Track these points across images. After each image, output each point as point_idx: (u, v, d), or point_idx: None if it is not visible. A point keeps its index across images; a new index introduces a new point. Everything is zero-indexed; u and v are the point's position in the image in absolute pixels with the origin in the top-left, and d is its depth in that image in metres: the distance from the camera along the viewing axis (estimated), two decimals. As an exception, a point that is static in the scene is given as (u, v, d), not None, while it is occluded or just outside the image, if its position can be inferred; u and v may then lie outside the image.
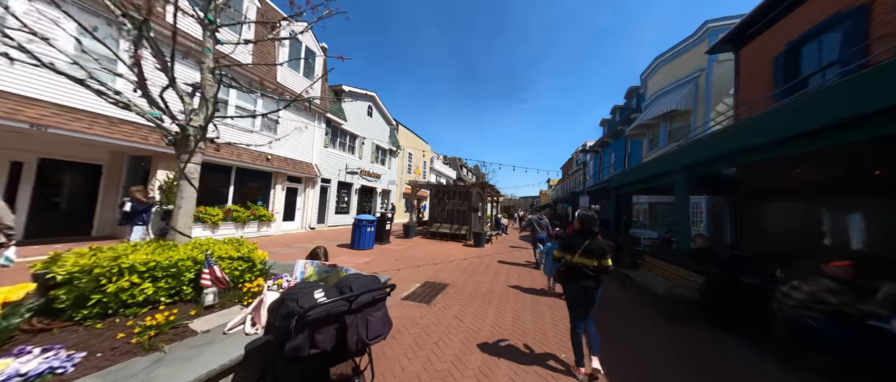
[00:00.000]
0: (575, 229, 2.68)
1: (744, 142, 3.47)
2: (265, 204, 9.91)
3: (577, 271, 2.45)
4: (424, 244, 10.07)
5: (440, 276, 5.85)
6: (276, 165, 9.72)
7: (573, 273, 2.49)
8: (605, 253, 2.44)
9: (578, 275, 2.45)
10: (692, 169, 4.48)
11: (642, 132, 12.17)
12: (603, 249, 2.45)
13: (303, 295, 1.56)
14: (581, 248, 2.45)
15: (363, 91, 15.25)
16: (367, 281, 1.87)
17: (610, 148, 18.64)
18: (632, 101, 16.68)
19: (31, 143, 5.74)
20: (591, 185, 19.19)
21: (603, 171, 20.12)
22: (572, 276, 2.50)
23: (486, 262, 7.57)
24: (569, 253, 2.52)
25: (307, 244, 8.53)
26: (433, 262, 7.16)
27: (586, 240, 2.47)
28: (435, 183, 12.04)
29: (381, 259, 7.14)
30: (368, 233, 8.28)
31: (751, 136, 3.38)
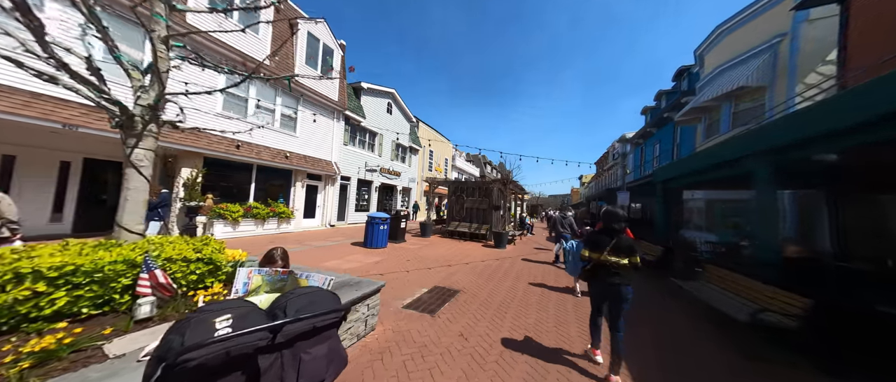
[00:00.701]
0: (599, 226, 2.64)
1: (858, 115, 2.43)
2: (286, 201, 10.09)
3: (605, 269, 2.42)
4: (441, 244, 9.55)
5: (452, 280, 5.27)
6: (295, 163, 9.84)
7: (600, 271, 2.45)
8: (634, 251, 2.41)
9: (605, 273, 2.42)
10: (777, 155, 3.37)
11: (696, 117, 10.40)
12: (632, 247, 2.42)
13: (197, 325, 1.07)
14: (609, 246, 2.41)
15: (382, 88, 15.13)
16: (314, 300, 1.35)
17: (654, 138, 16.54)
18: (682, 83, 14.56)
19: (76, 144, 6.22)
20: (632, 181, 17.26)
21: (645, 165, 17.96)
22: (599, 275, 2.47)
23: (505, 265, 6.83)
24: (596, 251, 2.48)
25: (323, 241, 8.47)
26: (447, 264, 6.61)
27: (613, 238, 2.43)
28: (453, 180, 11.43)
29: (392, 258, 6.75)
30: (382, 232, 7.97)
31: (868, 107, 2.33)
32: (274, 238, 8.38)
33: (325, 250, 7.20)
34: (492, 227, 10.44)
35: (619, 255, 2.37)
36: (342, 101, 12.00)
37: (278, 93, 9.35)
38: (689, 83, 13.37)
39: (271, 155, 9.00)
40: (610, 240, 2.43)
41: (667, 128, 14.81)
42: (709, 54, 9.70)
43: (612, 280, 2.37)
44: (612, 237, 2.44)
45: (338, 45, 11.67)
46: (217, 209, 7.38)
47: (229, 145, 7.74)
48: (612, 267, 2.38)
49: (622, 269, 2.36)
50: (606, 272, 2.41)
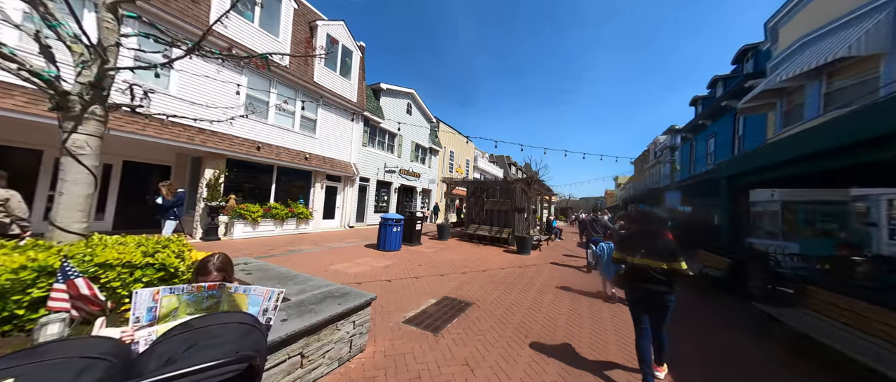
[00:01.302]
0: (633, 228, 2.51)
1: None
2: (306, 202, 10.22)
3: (641, 274, 2.24)
4: (459, 248, 8.96)
5: (465, 290, 4.67)
6: (314, 164, 9.93)
7: (636, 276, 2.28)
8: (676, 255, 2.18)
9: (642, 278, 2.24)
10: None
11: (769, 102, 8.69)
12: (674, 250, 2.20)
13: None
14: (644, 248, 2.25)
15: (402, 88, 15.02)
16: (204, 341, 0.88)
17: (708, 132, 14.44)
18: (744, 65, 12.50)
19: (116, 147, 6.69)
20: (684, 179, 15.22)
21: (696, 162, 15.78)
22: (634, 279, 2.29)
23: (528, 274, 6.04)
24: (629, 253, 2.32)
25: (338, 242, 8.33)
26: (462, 270, 6.01)
27: (650, 239, 2.28)
28: (471, 179, 10.80)
29: (403, 263, 6.32)
30: (395, 234, 7.60)
31: None
32: (292, 238, 8.41)
33: (338, 252, 6.98)
34: (514, 231, 9.62)
35: (658, 259, 2.17)
36: (361, 102, 12.00)
37: (299, 95, 9.50)
38: (756, 64, 11.39)
39: (291, 156, 9.13)
40: (645, 242, 2.26)
41: (725, 119, 12.79)
42: (785, 26, 8.02)
43: (651, 286, 2.18)
44: (647, 238, 2.27)
45: (357, 46, 11.71)
46: (238, 209, 7.54)
47: (250, 147, 7.93)
48: (651, 271, 2.18)
49: (662, 274, 2.16)
50: (644, 277, 2.21)
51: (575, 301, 4.50)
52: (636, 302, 2.32)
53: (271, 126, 8.70)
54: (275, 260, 5.68)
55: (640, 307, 2.29)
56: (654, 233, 2.32)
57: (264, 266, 3.49)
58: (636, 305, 2.32)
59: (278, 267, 3.48)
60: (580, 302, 4.43)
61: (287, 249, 6.84)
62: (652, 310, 2.23)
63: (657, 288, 2.17)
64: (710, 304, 4.70)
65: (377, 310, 3.58)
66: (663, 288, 2.16)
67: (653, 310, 2.23)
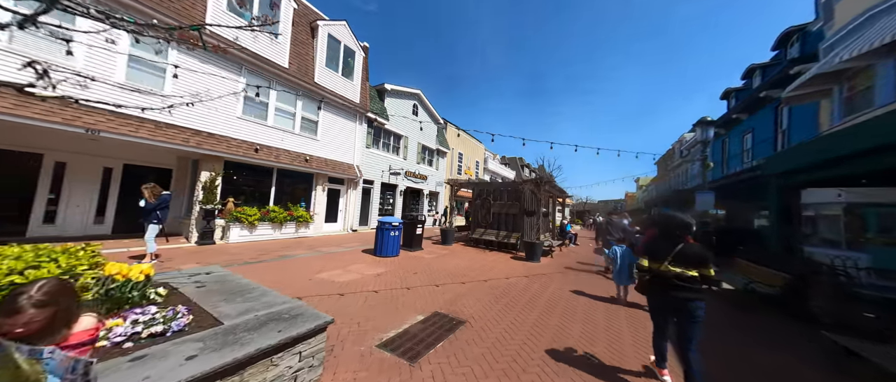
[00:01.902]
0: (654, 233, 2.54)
1: None
2: (307, 205, 10.04)
3: (667, 282, 2.12)
4: (462, 253, 8.39)
5: (460, 305, 4.11)
6: (315, 166, 9.74)
7: (660, 283, 2.16)
8: (706, 261, 2.08)
9: (667, 286, 2.12)
10: None
11: (823, 88, 7.55)
12: (703, 256, 2.10)
13: None
14: (671, 254, 2.13)
15: (407, 89, 14.75)
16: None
17: (742, 127, 13.11)
18: (787, 51, 11.20)
19: (116, 151, 6.73)
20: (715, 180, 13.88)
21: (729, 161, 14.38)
22: (661, 288, 2.16)
23: (535, 286, 5.39)
24: (655, 260, 2.20)
25: (336, 247, 8.01)
26: (461, 279, 5.45)
27: (676, 245, 2.16)
28: (476, 180, 10.23)
29: (398, 270, 5.85)
30: (393, 238, 7.16)
31: None
32: (290, 242, 8.19)
33: (332, 257, 6.63)
34: (523, 236, 8.92)
35: (686, 265, 2.10)
36: (364, 103, 11.78)
37: (299, 96, 9.36)
38: (803, 47, 10.14)
39: (291, 158, 8.97)
40: (671, 248, 2.17)
41: (764, 112, 11.51)
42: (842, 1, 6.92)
43: (678, 294, 2.09)
44: (673, 244, 2.19)
45: (360, 47, 11.53)
46: (234, 213, 7.40)
47: (248, 148, 7.80)
48: (678, 278, 2.11)
49: (690, 281, 2.07)
50: (669, 284, 2.14)
51: (588, 320, 3.82)
52: (661, 310, 2.26)
53: (271, 128, 8.58)
54: (262, 267, 5.39)
55: (663, 314, 2.24)
56: (679, 238, 2.20)
57: (226, 276, 3.11)
58: (660, 312, 2.26)
59: (240, 278, 3.09)
60: (595, 323, 3.75)
61: (280, 254, 6.57)
62: (681, 321, 2.12)
63: (686, 296, 2.07)
64: (754, 324, 3.86)
65: (351, 330, 3.12)
66: (693, 295, 2.07)
67: (682, 321, 2.11)
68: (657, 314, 2.32)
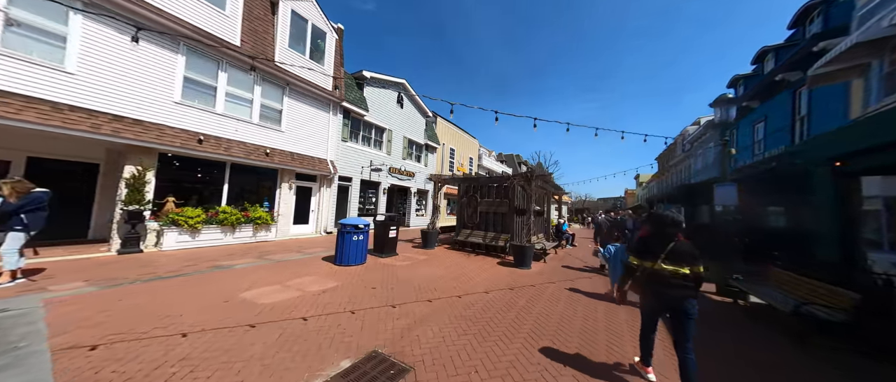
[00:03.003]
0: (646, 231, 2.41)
1: None
2: (271, 205, 8.91)
3: (660, 280, 2.14)
4: (444, 259, 7.30)
5: (413, 338, 3.02)
6: (278, 161, 8.59)
7: (653, 282, 2.17)
8: (697, 259, 2.11)
9: (661, 284, 2.14)
10: None
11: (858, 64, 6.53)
12: (694, 254, 2.12)
13: None
14: (663, 253, 2.14)
15: (390, 78, 13.59)
16: None
17: (754, 116, 12.10)
18: (806, 28, 10.15)
19: (17, 141, 5.56)
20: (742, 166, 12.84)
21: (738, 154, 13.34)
22: (654, 286, 2.18)
23: (521, 301, 4.30)
24: (648, 259, 2.20)
25: (294, 253, 6.90)
26: (429, 296, 4.36)
27: (668, 243, 2.16)
28: (461, 175, 9.13)
29: (355, 284, 4.75)
30: (357, 244, 6.06)
31: None
32: (243, 249, 7.07)
33: (278, 268, 5.52)
34: (512, 237, 7.84)
35: (678, 264, 2.10)
36: (338, 92, 10.62)
37: (257, 80, 8.21)
38: (827, 21, 9.07)
39: (247, 151, 7.82)
40: (664, 246, 2.15)
41: (779, 98, 10.47)
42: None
43: (672, 292, 2.09)
44: (664, 242, 2.17)
45: (332, 27, 10.36)
46: (171, 215, 6.26)
47: (189, 139, 6.65)
48: (671, 276, 2.10)
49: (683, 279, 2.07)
50: (662, 283, 2.14)
51: (586, 346, 2.73)
52: (651, 308, 2.26)
53: (221, 116, 7.42)
54: (177, 283, 4.27)
55: (655, 313, 2.24)
56: (671, 236, 2.18)
57: (15, 318, 1.99)
58: (652, 310, 2.26)
59: (38, 320, 1.96)
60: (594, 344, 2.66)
61: (216, 264, 5.45)
62: (675, 318, 2.11)
63: (680, 293, 2.08)
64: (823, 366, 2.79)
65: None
66: (688, 292, 2.08)
67: (677, 319, 2.10)
68: (650, 313, 2.32)
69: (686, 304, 2.05)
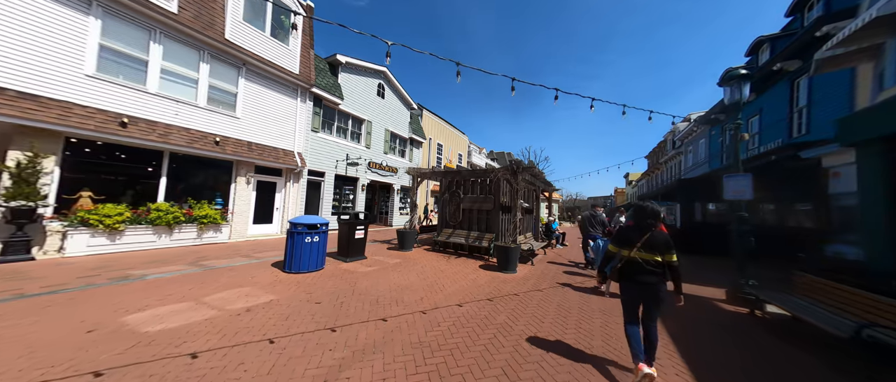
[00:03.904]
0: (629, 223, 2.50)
1: None
2: (225, 202, 7.79)
3: (636, 267, 2.27)
4: (419, 262, 6.39)
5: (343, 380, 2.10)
6: (233, 152, 7.49)
7: (631, 269, 2.30)
8: (670, 248, 2.24)
9: (637, 271, 2.26)
10: None
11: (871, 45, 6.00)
12: (668, 243, 2.25)
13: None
14: (640, 242, 2.26)
15: (370, 65, 12.54)
16: None
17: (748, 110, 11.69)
18: (806, 15, 9.71)
19: None
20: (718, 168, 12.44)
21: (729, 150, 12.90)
22: (629, 273, 2.31)
23: (500, 317, 3.43)
24: (625, 247, 2.32)
25: (242, 259, 5.87)
26: (384, 314, 3.45)
27: (645, 234, 2.27)
28: (442, 169, 8.25)
29: (298, 296, 3.80)
30: (311, 246, 5.09)
31: None
32: (183, 252, 5.98)
33: (210, 277, 4.50)
34: (498, 237, 7.01)
35: (653, 252, 2.23)
36: (306, 75, 9.54)
37: (203, 57, 7.07)
38: (828, 5, 8.60)
39: (190, 139, 6.70)
40: (641, 236, 2.26)
41: (776, 90, 10.05)
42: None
43: (646, 279, 2.22)
44: (643, 232, 2.28)
45: (300, 4, 9.25)
46: (80, 213, 5.12)
47: (107, 121, 5.50)
48: (646, 264, 2.23)
49: (657, 267, 2.22)
50: (639, 270, 2.24)
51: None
52: (630, 295, 2.34)
53: (155, 96, 6.27)
54: (49, 301, 3.21)
55: (634, 300, 2.32)
56: (650, 227, 2.29)
57: None
58: (630, 297, 2.34)
59: None
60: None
61: (124, 273, 4.38)
62: (646, 303, 2.27)
63: (651, 280, 2.21)
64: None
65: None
66: (657, 279, 2.21)
67: (647, 303, 2.27)
68: (629, 299, 2.37)
69: (657, 289, 2.20)
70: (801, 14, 9.82)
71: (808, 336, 3.25)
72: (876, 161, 2.84)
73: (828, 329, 2.58)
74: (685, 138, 19.44)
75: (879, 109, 3.19)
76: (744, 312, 4.16)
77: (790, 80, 9.52)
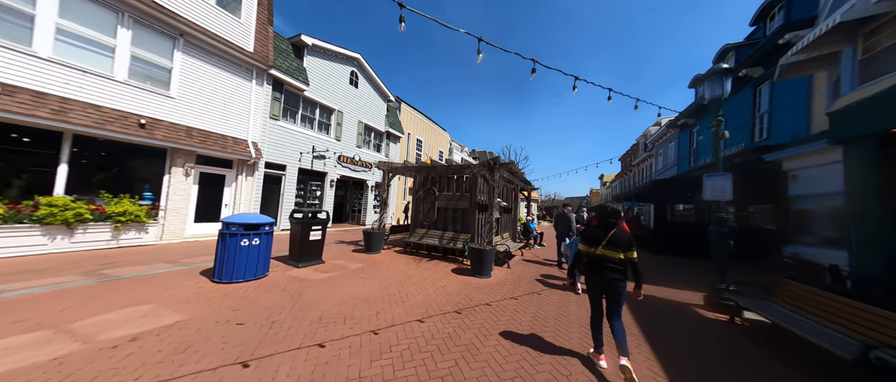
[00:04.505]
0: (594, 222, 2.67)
1: None
2: (157, 196, 6.58)
3: (601, 264, 2.42)
4: (385, 267, 5.69)
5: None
6: (163, 137, 6.30)
7: (596, 266, 2.45)
8: (631, 245, 2.40)
9: (602, 268, 2.42)
10: None
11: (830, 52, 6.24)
12: (629, 241, 2.41)
13: None
14: (605, 240, 2.42)
15: (341, 50, 11.51)
16: None
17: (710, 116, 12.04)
18: (768, 25, 10.14)
19: None
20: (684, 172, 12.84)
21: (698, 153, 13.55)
22: (596, 269, 2.46)
23: (466, 335, 2.87)
24: (592, 245, 2.49)
25: (168, 264, 4.84)
26: (323, 337, 2.76)
27: (609, 232, 2.43)
28: (415, 164, 7.57)
29: (216, 316, 2.98)
30: (249, 251, 4.22)
31: None
32: (85, 257, 4.82)
33: (103, 291, 3.52)
34: (473, 237, 6.48)
35: (616, 250, 2.38)
36: (264, 55, 8.42)
37: (124, 21, 5.84)
38: (789, 14, 8.97)
39: (101, 119, 5.47)
40: (606, 235, 2.42)
41: (740, 96, 10.45)
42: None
43: (609, 275, 2.38)
44: (607, 231, 2.44)
45: (255, -28, 8.11)
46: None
47: None
48: (609, 261, 2.39)
49: (619, 263, 2.38)
50: (603, 267, 2.41)
51: None
52: (595, 290, 2.48)
53: (46, 61, 5.00)
54: None
55: (598, 294, 2.47)
56: (613, 226, 2.43)
57: None
58: (595, 292, 2.49)
59: None
60: None
61: (-23, 290, 3.28)
62: (609, 297, 2.41)
63: (614, 276, 2.36)
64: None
65: None
66: (619, 276, 2.37)
67: (609, 297, 2.41)
68: (594, 294, 2.51)
69: (619, 285, 2.37)
70: (763, 24, 10.27)
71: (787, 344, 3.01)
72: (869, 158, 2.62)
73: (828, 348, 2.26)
74: (656, 141, 20.24)
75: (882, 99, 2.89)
76: (724, 320, 3.92)
77: (753, 87, 9.92)
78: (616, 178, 33.80)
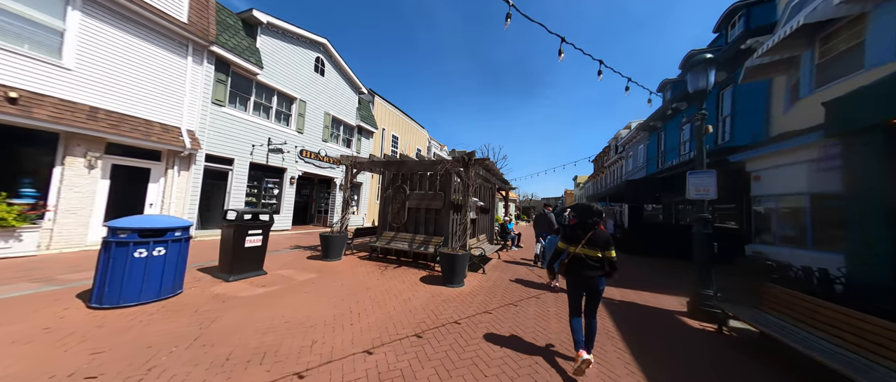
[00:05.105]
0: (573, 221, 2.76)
1: None
2: (43, 194, 5.15)
3: (580, 262, 2.47)
4: (342, 277, 4.83)
5: None
6: (50, 117, 4.92)
7: (576, 264, 2.50)
8: (609, 244, 2.46)
9: (581, 266, 2.47)
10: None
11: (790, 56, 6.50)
12: (607, 240, 2.47)
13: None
14: (584, 239, 2.47)
15: (303, 32, 10.32)
16: None
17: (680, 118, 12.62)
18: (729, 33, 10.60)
19: None
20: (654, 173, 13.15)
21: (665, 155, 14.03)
22: (575, 268, 2.50)
23: (429, 366, 2.19)
24: (572, 244, 2.53)
25: (36, 284, 3.62)
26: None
27: (588, 232, 2.48)
28: (382, 159, 6.75)
29: (64, 361, 1.99)
30: (148, 263, 3.22)
31: None
32: None
33: None
34: (446, 241, 5.82)
35: (595, 249, 2.43)
36: (203, 28, 7.13)
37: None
38: (748, 22, 9.39)
39: (-52, 88, 4.04)
40: (585, 234, 2.47)
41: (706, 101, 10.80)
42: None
43: (588, 273, 2.43)
44: (586, 231, 2.49)
45: (191, -72, 6.81)
46: None
47: None
48: (588, 259, 2.44)
49: (597, 262, 2.43)
50: (582, 265, 2.45)
51: None
52: (575, 288, 2.52)
53: None
54: None
55: (578, 292, 2.51)
56: (592, 225, 2.50)
57: None
58: (575, 290, 2.52)
59: None
60: None
61: None
62: (588, 295, 2.48)
63: (593, 274, 2.42)
64: None
65: None
66: (598, 273, 2.42)
67: (588, 294, 2.48)
68: (574, 292, 2.53)
69: (597, 283, 2.43)
70: (725, 30, 10.76)
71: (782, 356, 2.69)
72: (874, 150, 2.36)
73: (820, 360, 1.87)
74: (627, 144, 21.03)
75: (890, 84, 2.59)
76: (711, 329, 3.59)
77: (717, 91, 10.33)
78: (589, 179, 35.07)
